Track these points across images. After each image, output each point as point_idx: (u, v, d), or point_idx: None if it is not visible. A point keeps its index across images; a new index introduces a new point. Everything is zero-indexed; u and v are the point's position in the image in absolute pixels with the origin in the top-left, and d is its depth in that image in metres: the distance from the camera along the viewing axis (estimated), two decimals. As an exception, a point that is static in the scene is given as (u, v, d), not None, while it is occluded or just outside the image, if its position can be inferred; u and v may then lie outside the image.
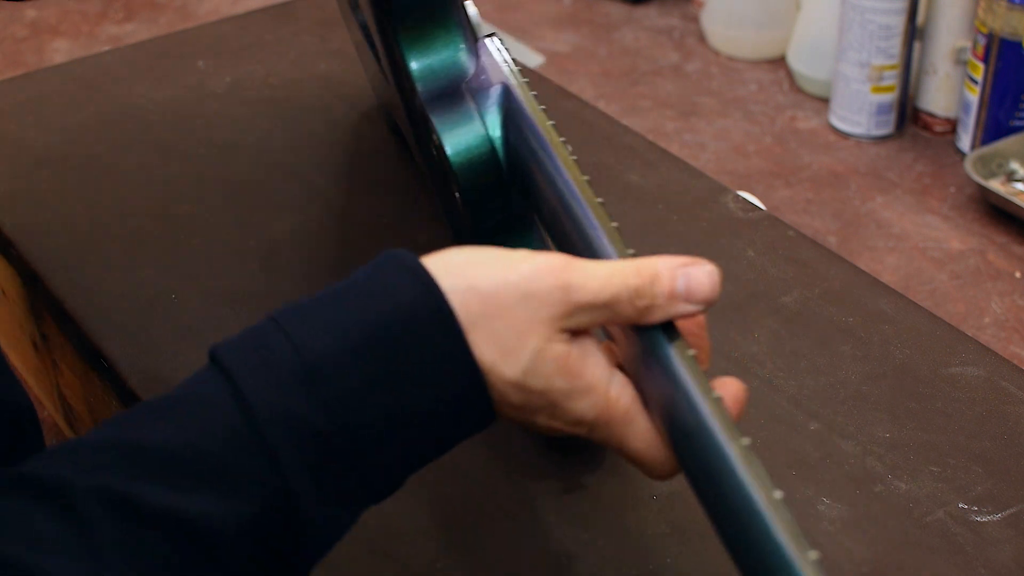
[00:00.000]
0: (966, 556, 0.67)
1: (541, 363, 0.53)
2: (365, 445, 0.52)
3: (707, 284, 0.54)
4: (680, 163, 1.00)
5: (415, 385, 0.52)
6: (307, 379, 0.51)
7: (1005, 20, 1.11)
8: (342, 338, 0.52)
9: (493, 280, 0.53)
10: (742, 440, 0.50)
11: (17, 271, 0.91)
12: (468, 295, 0.53)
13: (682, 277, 0.54)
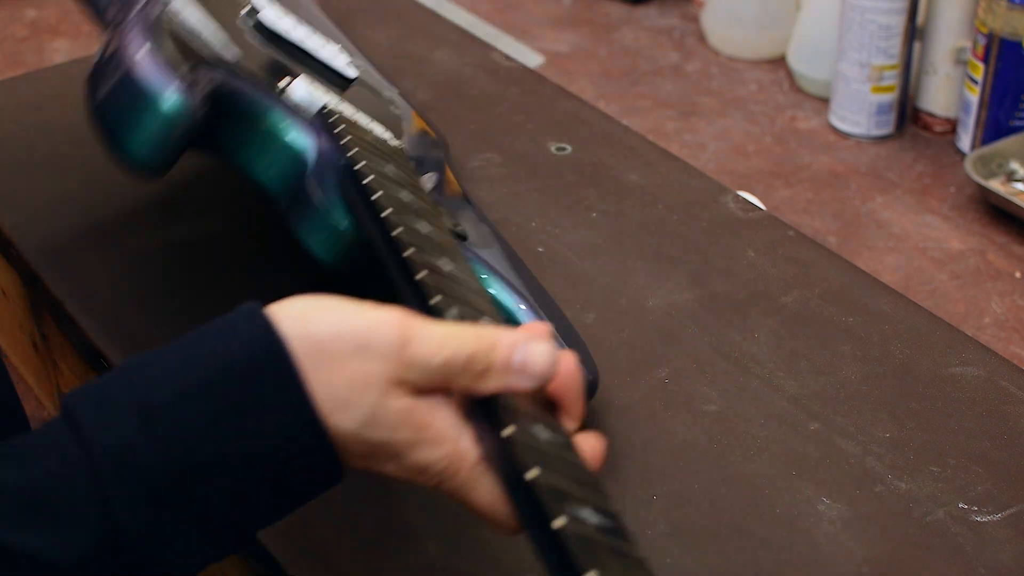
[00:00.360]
0: (966, 556, 0.67)
1: (381, 416, 0.53)
2: (201, 487, 0.52)
3: (542, 362, 0.54)
4: (680, 163, 1.00)
5: (252, 427, 0.52)
6: (145, 418, 0.51)
7: (1005, 20, 1.11)
8: (182, 379, 0.52)
9: (330, 330, 0.53)
10: (560, 519, 0.47)
11: (17, 271, 0.91)
12: (305, 343, 0.53)
13: (520, 351, 0.54)
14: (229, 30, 0.78)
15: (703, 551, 0.67)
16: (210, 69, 0.71)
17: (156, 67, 0.66)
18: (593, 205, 0.94)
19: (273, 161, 0.74)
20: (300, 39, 0.82)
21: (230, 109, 0.72)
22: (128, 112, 0.67)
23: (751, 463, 0.72)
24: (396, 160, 0.74)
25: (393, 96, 0.91)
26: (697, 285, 0.86)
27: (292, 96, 0.75)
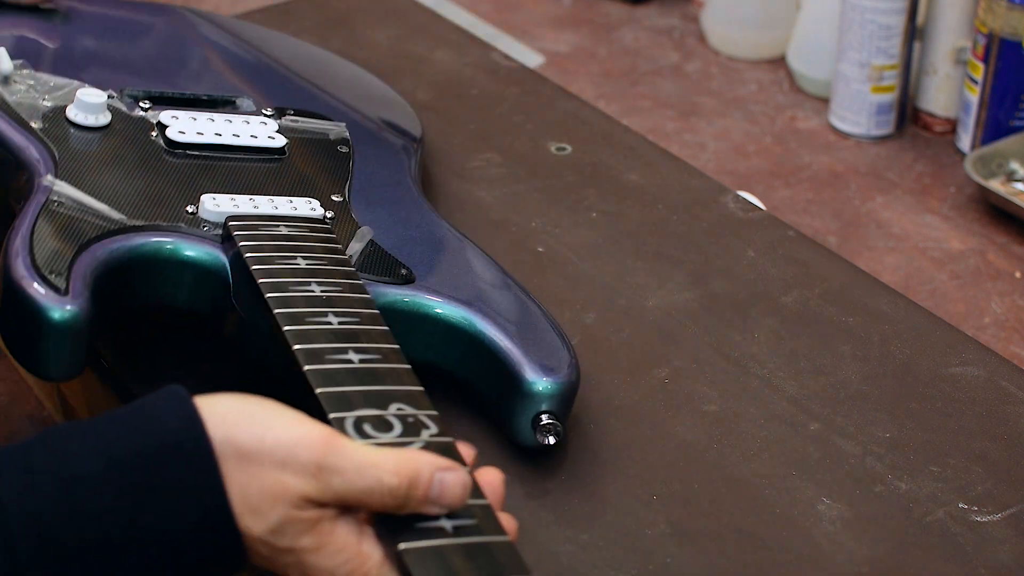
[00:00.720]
0: (966, 556, 0.67)
1: (289, 525, 0.54)
2: (110, 560, 0.52)
3: (459, 493, 0.55)
4: (680, 163, 1.00)
5: (166, 507, 0.53)
6: (63, 488, 0.52)
7: (1005, 20, 1.11)
8: (103, 454, 0.53)
9: (252, 439, 0.54)
10: None
11: (17, 271, 0.91)
12: (226, 446, 0.54)
13: (437, 483, 0.55)
14: (138, 159, 0.79)
15: (703, 551, 0.67)
16: (97, 247, 0.71)
17: (36, 283, 0.67)
18: (593, 205, 0.94)
19: (195, 289, 0.74)
20: (214, 139, 0.82)
21: (131, 267, 0.72)
22: (21, 331, 0.68)
23: (751, 463, 0.72)
24: (310, 245, 0.73)
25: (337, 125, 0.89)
26: (697, 285, 0.86)
27: (203, 216, 0.75)
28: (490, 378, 0.73)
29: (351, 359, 0.63)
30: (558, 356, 0.72)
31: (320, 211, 0.77)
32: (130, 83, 0.88)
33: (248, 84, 0.93)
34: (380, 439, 0.58)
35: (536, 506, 0.70)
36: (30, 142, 0.78)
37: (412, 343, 0.72)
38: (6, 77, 0.84)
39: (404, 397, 0.61)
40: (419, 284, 0.75)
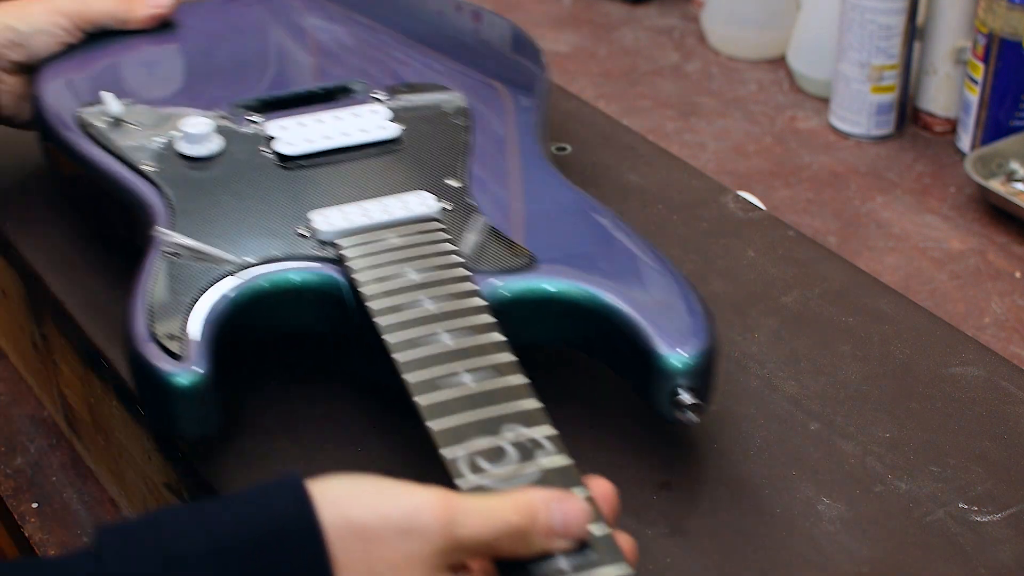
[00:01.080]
0: (966, 556, 0.67)
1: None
2: None
3: (582, 518, 0.55)
4: (680, 163, 1.00)
5: None
6: (167, 566, 0.52)
7: (1005, 20, 1.11)
8: (210, 536, 0.53)
9: (371, 513, 0.54)
10: None
11: (17, 271, 0.91)
12: (345, 531, 0.53)
13: (558, 512, 0.54)
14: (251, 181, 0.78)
15: (703, 551, 0.67)
16: (213, 295, 0.70)
17: (155, 352, 0.67)
18: (593, 205, 0.94)
19: (315, 314, 0.73)
20: (324, 143, 0.81)
21: (249, 307, 0.71)
22: (149, 396, 0.68)
23: (751, 463, 0.72)
24: (422, 253, 0.71)
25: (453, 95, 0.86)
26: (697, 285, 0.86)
27: (316, 236, 0.74)
28: (623, 356, 0.70)
29: (464, 380, 0.62)
30: (692, 326, 0.69)
31: (433, 205, 0.75)
32: (237, 91, 0.87)
33: (354, 62, 0.91)
34: (495, 472, 0.57)
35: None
36: (144, 186, 0.78)
37: (538, 328, 0.72)
38: (117, 119, 0.84)
39: (519, 417, 0.60)
40: (541, 267, 0.72)
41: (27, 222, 0.91)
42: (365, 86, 0.88)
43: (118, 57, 0.92)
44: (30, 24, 0.90)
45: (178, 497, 0.78)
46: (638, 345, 0.69)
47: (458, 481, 0.57)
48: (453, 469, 0.58)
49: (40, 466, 0.92)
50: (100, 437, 0.88)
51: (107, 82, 0.88)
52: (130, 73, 0.91)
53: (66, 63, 0.91)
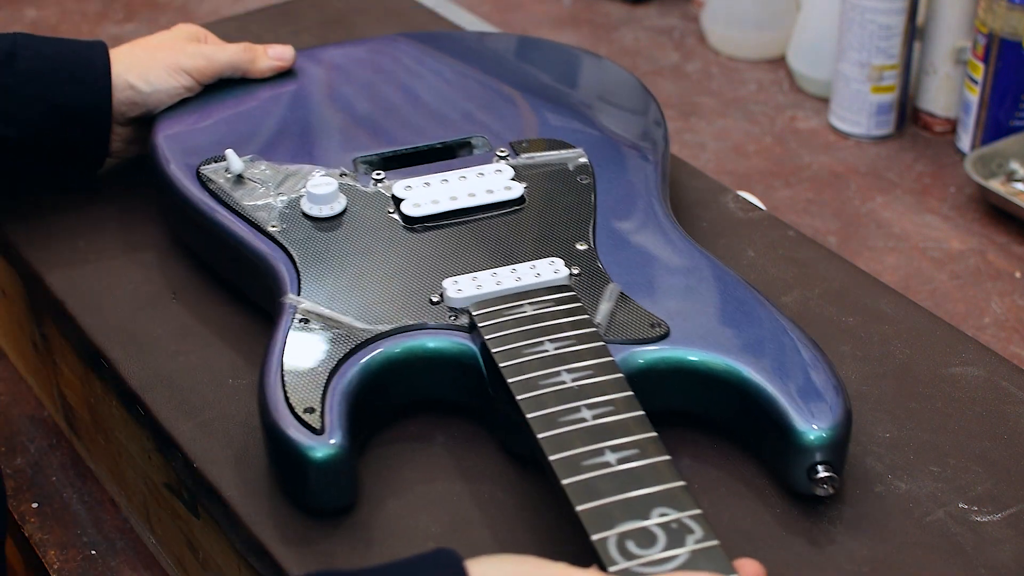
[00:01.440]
0: (966, 556, 0.67)
1: None
2: None
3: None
4: (680, 163, 1.00)
5: None
6: None
7: (1005, 20, 1.11)
8: None
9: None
10: None
11: (17, 271, 0.91)
12: None
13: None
14: (378, 244, 0.78)
15: (703, 551, 0.67)
16: (347, 367, 0.70)
17: (293, 426, 0.67)
18: (593, 205, 0.94)
19: (450, 382, 0.73)
20: (450, 204, 0.80)
21: (383, 377, 0.71)
22: (286, 469, 0.69)
23: (752, 463, 0.72)
24: (556, 323, 0.71)
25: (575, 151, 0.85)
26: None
27: (448, 304, 0.74)
28: (757, 427, 0.70)
29: (608, 460, 0.62)
30: (828, 400, 0.69)
31: (564, 271, 0.75)
32: (357, 145, 0.87)
33: (474, 115, 0.90)
34: (645, 557, 0.58)
35: (537, 506, 0.70)
36: (270, 248, 0.78)
37: (672, 397, 0.71)
38: (239, 176, 0.83)
39: (666, 499, 0.60)
40: (674, 337, 0.71)
41: (27, 222, 0.91)
42: (486, 141, 0.87)
43: (236, 110, 0.92)
44: (151, 84, 0.90)
45: (178, 497, 0.78)
46: (773, 419, 0.68)
47: (610, 567, 0.57)
48: (604, 554, 0.58)
49: (40, 466, 0.92)
50: (100, 437, 0.88)
51: (226, 136, 0.88)
52: (249, 127, 0.90)
53: (184, 117, 0.91)
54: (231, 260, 0.82)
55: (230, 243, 0.80)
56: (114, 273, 0.86)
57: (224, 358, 0.79)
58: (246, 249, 0.79)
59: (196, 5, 1.51)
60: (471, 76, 0.96)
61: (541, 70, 0.97)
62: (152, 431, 0.77)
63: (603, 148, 0.86)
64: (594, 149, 0.86)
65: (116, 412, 0.82)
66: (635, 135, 0.89)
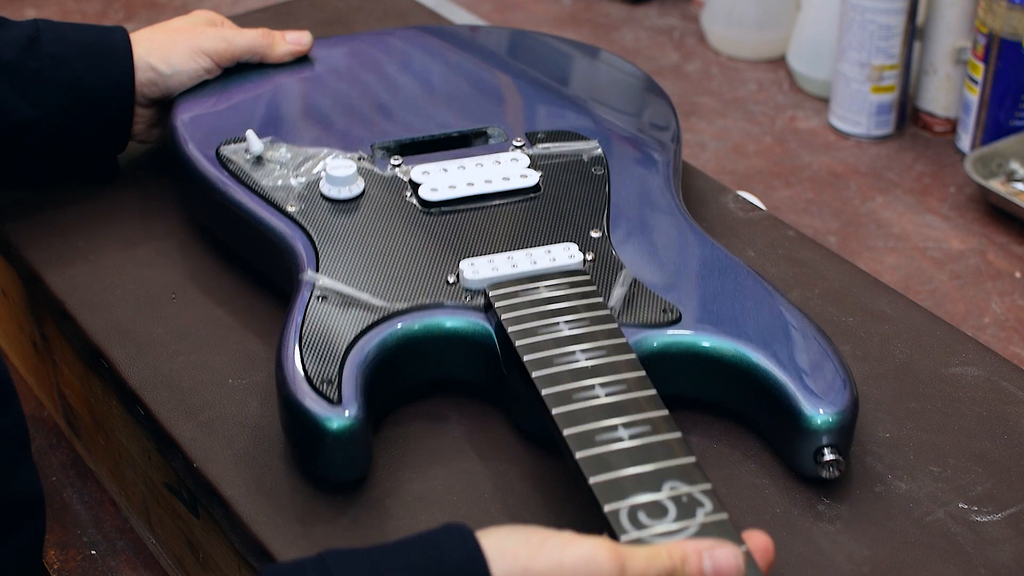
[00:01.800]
0: (966, 556, 0.67)
1: None
2: None
3: (733, 564, 0.57)
4: (680, 163, 1.00)
5: None
6: None
7: (1005, 20, 1.11)
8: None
9: (549, 563, 0.56)
10: None
11: (17, 271, 0.91)
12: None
13: (708, 559, 0.57)
14: (396, 226, 0.79)
15: (703, 551, 0.67)
16: (364, 342, 0.71)
17: (310, 397, 0.68)
18: (593, 205, 0.94)
19: (465, 361, 0.74)
20: (467, 190, 0.81)
21: (399, 353, 0.72)
22: (302, 440, 0.69)
23: (751, 463, 0.72)
24: (571, 305, 0.72)
25: (590, 143, 0.87)
26: (697, 285, 0.86)
27: (464, 285, 0.74)
28: (765, 410, 0.71)
29: (621, 436, 0.64)
30: (835, 386, 0.70)
31: (578, 256, 0.76)
32: (378, 131, 0.88)
33: (491, 106, 0.91)
34: (656, 528, 0.59)
35: (537, 506, 0.70)
36: (288, 228, 0.79)
37: (683, 381, 0.72)
38: (258, 158, 0.84)
39: (676, 473, 0.62)
40: (685, 322, 0.73)
41: (27, 222, 0.91)
42: (502, 132, 0.88)
43: (255, 93, 0.93)
44: (172, 66, 0.90)
45: (178, 497, 0.78)
46: (782, 404, 0.70)
47: (621, 536, 0.59)
48: (615, 524, 0.59)
49: (40, 466, 0.92)
50: (100, 437, 0.88)
51: (244, 119, 0.89)
52: (268, 111, 0.91)
53: (203, 99, 0.91)
54: (250, 240, 0.83)
55: (249, 223, 0.81)
56: (114, 273, 0.86)
57: (224, 358, 0.79)
58: (265, 229, 0.80)
59: (196, 5, 1.52)
60: (487, 70, 0.97)
61: (556, 66, 0.98)
62: (152, 431, 0.77)
63: (617, 141, 0.88)
64: (608, 142, 0.87)
65: (116, 412, 0.82)
66: (648, 130, 0.90)
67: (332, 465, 0.69)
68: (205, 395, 0.76)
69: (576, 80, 0.96)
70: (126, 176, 0.96)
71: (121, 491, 0.88)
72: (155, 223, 0.91)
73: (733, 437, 0.74)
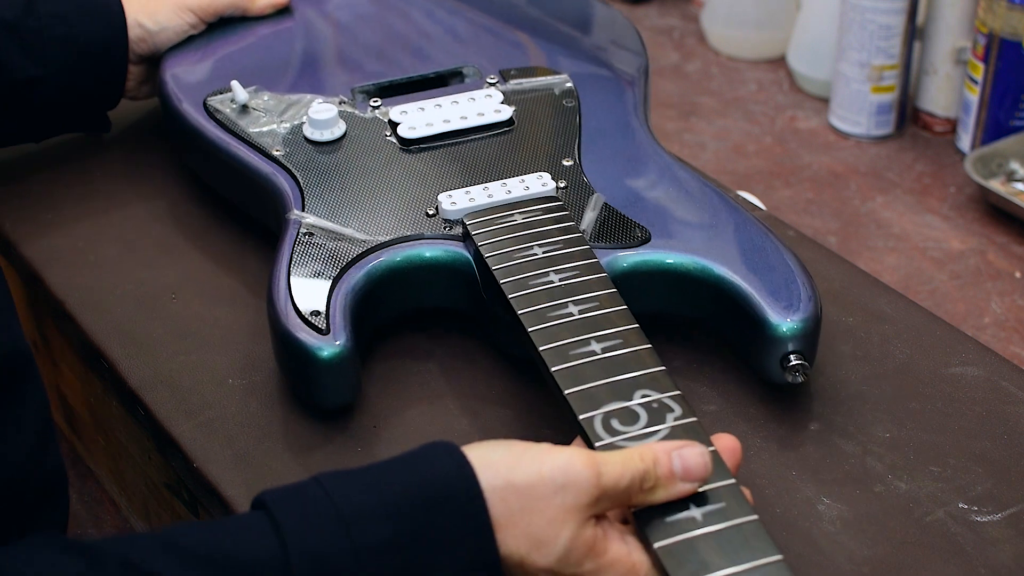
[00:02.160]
0: (966, 556, 0.67)
1: (574, 549, 0.58)
2: None
3: (700, 462, 0.60)
4: (680, 163, 1.00)
5: (441, 555, 0.56)
6: (344, 529, 0.55)
7: (1005, 20, 1.11)
8: (377, 496, 0.57)
9: (531, 474, 0.58)
10: None
11: (17, 271, 0.91)
12: (506, 492, 0.58)
13: (677, 458, 0.59)
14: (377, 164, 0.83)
15: (703, 551, 0.67)
16: (351, 274, 0.75)
17: (301, 328, 0.71)
18: (593, 205, 0.94)
19: (446, 289, 0.78)
20: (443, 127, 0.85)
21: (384, 284, 0.76)
22: (295, 369, 0.73)
23: (751, 463, 0.72)
24: (545, 230, 0.76)
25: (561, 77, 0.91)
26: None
27: (443, 216, 0.78)
28: (734, 322, 0.75)
29: (594, 350, 0.67)
30: (799, 294, 0.74)
31: (551, 184, 0.80)
32: (354, 78, 0.92)
33: (465, 48, 0.95)
34: (628, 433, 0.62)
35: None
36: (275, 171, 0.83)
37: (654, 298, 0.76)
38: (244, 106, 0.88)
39: (647, 382, 0.65)
40: (655, 242, 0.76)
41: (27, 222, 0.91)
42: (476, 71, 0.92)
43: (238, 46, 0.97)
44: (158, 22, 0.94)
45: (178, 497, 0.78)
46: (749, 314, 0.73)
47: (595, 443, 0.61)
48: (590, 431, 0.62)
49: (40, 466, 0.92)
50: (100, 437, 0.88)
51: (229, 71, 0.93)
52: (251, 61, 0.95)
53: (189, 54, 0.95)
54: (239, 185, 0.86)
55: (238, 169, 0.85)
56: (114, 273, 0.86)
57: (224, 358, 0.79)
58: (253, 173, 0.84)
59: None
60: (461, 14, 1.01)
61: (528, 6, 1.02)
62: (152, 431, 0.77)
63: (587, 75, 0.92)
64: (579, 76, 0.91)
65: (116, 412, 0.82)
66: (617, 63, 0.94)
67: (324, 392, 0.72)
68: (205, 395, 0.76)
69: (548, 18, 1.00)
70: (126, 176, 0.96)
71: (121, 491, 0.88)
72: (155, 223, 0.91)
73: (733, 435, 0.74)
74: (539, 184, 0.80)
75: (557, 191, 0.80)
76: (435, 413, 0.75)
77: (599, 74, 0.92)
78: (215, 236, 0.89)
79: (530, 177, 0.80)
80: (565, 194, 0.80)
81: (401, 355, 0.79)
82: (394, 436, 0.74)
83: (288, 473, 0.71)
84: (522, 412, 0.75)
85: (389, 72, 0.92)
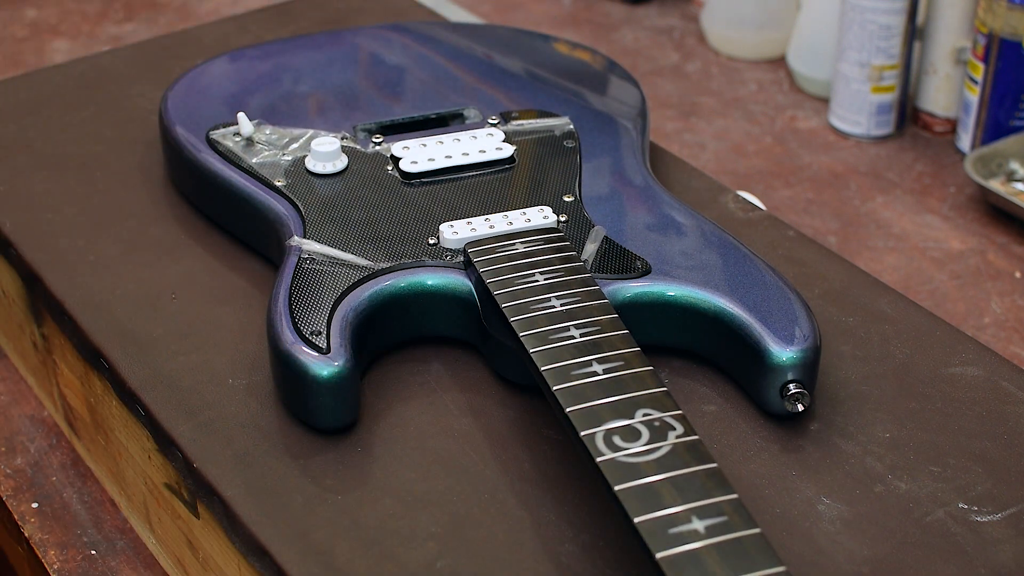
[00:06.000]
0: (966, 556, 0.67)
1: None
2: None
3: None
4: (680, 163, 1.00)
5: None
6: None
7: (1005, 20, 1.11)
8: None
9: None
10: None
11: (17, 271, 0.91)
12: None
13: None
14: (378, 196, 0.84)
15: (703, 551, 0.67)
16: (351, 298, 0.75)
17: (301, 347, 0.72)
18: (593, 205, 0.94)
19: (447, 318, 0.78)
20: (445, 162, 0.86)
21: (385, 309, 0.77)
22: (294, 390, 0.73)
23: (751, 463, 0.72)
24: (546, 258, 0.76)
25: (561, 120, 0.92)
26: (697, 285, 0.86)
27: (445, 245, 0.79)
28: (734, 353, 0.76)
29: (595, 371, 0.67)
30: (799, 324, 0.74)
31: (552, 218, 0.81)
32: (360, 116, 0.93)
33: (466, 91, 0.97)
34: (630, 449, 0.62)
35: (537, 506, 0.70)
36: (277, 201, 0.84)
37: (655, 330, 0.77)
38: (249, 139, 0.89)
39: (649, 401, 0.65)
40: (655, 274, 0.77)
41: (27, 222, 0.91)
42: (478, 112, 0.94)
43: (241, 83, 0.98)
44: None
45: (178, 497, 0.78)
46: (749, 344, 0.74)
47: (597, 458, 0.62)
48: (591, 447, 0.62)
49: (40, 466, 0.92)
50: (100, 437, 0.88)
51: (232, 106, 0.94)
52: (253, 98, 0.95)
53: (191, 87, 0.96)
54: (240, 217, 0.87)
55: (239, 200, 0.86)
56: (114, 273, 0.86)
57: (224, 358, 0.79)
58: (255, 203, 0.85)
59: (196, 5, 1.52)
60: (462, 59, 1.02)
61: (531, 56, 1.03)
62: (152, 431, 0.77)
63: (586, 118, 0.93)
64: (577, 118, 0.93)
65: (116, 412, 0.82)
66: (616, 108, 0.96)
67: (323, 413, 0.72)
68: (205, 395, 0.76)
69: (548, 68, 1.01)
70: (126, 176, 0.96)
71: (121, 491, 0.88)
72: (155, 223, 0.91)
73: (733, 437, 0.74)
74: (540, 217, 0.81)
75: (558, 224, 0.81)
76: (435, 413, 0.75)
77: (599, 119, 0.94)
78: (215, 236, 0.90)
79: (532, 210, 0.81)
80: (566, 227, 0.81)
81: (401, 355, 0.79)
82: (394, 436, 0.74)
83: (288, 473, 0.71)
84: (523, 413, 0.75)
85: (391, 113, 0.94)
